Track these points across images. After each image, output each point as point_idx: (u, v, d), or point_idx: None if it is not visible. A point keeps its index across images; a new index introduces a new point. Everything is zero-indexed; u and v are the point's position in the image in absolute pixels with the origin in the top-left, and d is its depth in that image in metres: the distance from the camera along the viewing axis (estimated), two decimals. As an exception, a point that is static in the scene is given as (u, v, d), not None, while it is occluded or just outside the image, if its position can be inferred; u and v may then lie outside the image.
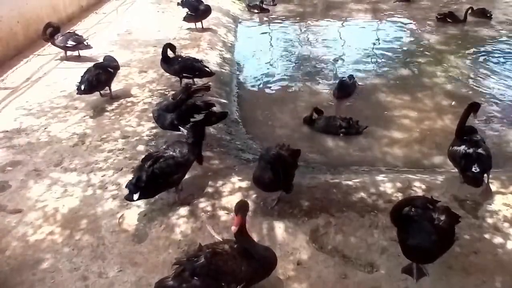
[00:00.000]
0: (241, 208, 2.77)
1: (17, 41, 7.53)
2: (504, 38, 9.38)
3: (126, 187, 3.63)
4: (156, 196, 3.86)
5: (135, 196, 3.56)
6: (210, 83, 5.56)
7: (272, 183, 3.69)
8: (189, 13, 8.84)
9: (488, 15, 10.37)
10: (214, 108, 5.01)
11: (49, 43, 7.35)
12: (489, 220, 3.65)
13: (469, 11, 10.18)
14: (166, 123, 4.68)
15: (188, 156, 3.88)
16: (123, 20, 9.72)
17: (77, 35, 7.36)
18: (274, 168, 3.65)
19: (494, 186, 4.07)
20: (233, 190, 4.08)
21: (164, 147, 3.93)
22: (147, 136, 5.02)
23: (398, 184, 4.15)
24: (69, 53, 7.37)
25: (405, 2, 12.08)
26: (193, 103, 4.75)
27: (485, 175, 3.92)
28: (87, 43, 7.29)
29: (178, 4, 8.90)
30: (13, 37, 7.45)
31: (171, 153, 3.79)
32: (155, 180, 3.63)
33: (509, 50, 8.72)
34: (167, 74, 6.41)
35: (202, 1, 9.03)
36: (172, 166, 3.73)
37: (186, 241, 3.47)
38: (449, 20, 10.04)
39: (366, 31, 10.19)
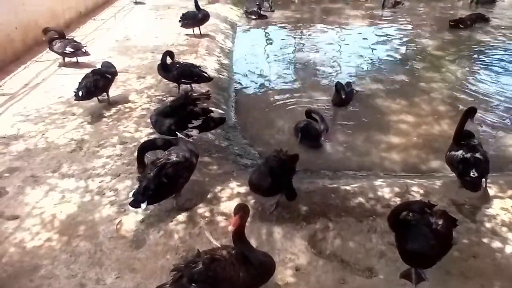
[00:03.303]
0: (240, 209, 2.76)
1: (15, 47, 7.54)
2: (500, 43, 9.45)
3: (133, 196, 3.60)
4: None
5: (143, 205, 3.56)
6: (209, 90, 5.58)
7: (271, 188, 3.69)
8: (186, 21, 8.88)
9: (486, 17, 10.66)
10: (212, 114, 5.01)
11: (47, 50, 7.37)
12: (487, 225, 3.66)
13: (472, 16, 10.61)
14: (163, 129, 4.68)
15: (191, 160, 3.89)
16: (121, 26, 9.75)
17: (76, 41, 7.38)
18: (274, 173, 3.66)
19: (492, 191, 4.08)
20: (232, 195, 4.07)
21: (166, 152, 3.92)
22: (145, 142, 5.01)
23: (396, 189, 4.15)
24: (67, 59, 7.38)
25: (394, 8, 12.25)
26: (191, 109, 4.76)
27: (483, 179, 3.93)
28: (85, 50, 7.30)
29: (180, 21, 8.90)
30: (11, 43, 7.46)
31: (174, 158, 3.79)
32: (162, 187, 3.64)
33: (505, 55, 8.78)
34: (166, 80, 6.43)
35: (200, 9, 9.06)
36: (178, 172, 3.75)
37: (184, 247, 3.46)
38: (461, 26, 10.32)
39: (363, 37, 10.25)
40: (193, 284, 2.66)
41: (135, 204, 3.56)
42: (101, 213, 3.84)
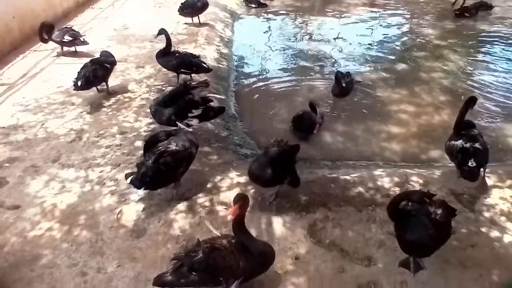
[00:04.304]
0: (240, 199, 2.77)
1: (12, 37, 7.49)
2: (501, 33, 9.38)
3: (131, 182, 3.64)
4: (155, 191, 3.87)
5: (140, 192, 3.65)
6: (207, 78, 5.56)
7: (272, 178, 3.70)
8: (185, 10, 8.81)
9: (489, 5, 10.65)
10: (212, 103, 5.00)
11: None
12: (486, 214, 3.67)
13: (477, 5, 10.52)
14: (163, 118, 4.68)
15: (190, 150, 3.89)
16: (120, 15, 9.67)
17: (74, 30, 7.33)
18: (274, 164, 3.66)
19: (491, 180, 4.09)
20: (231, 185, 4.09)
21: (166, 141, 3.92)
22: (144, 131, 5.01)
23: (396, 179, 4.16)
24: (65, 48, 7.34)
25: None
26: (191, 98, 4.74)
27: (482, 169, 3.94)
28: (83, 39, 7.25)
29: (179, 11, 8.83)
30: (9, 32, 7.40)
31: (174, 147, 3.79)
32: (160, 175, 3.65)
33: (507, 44, 8.73)
34: (164, 69, 6.40)
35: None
36: (177, 161, 3.75)
37: (184, 236, 3.48)
38: (466, 14, 10.30)
39: (363, 26, 10.17)
40: (193, 273, 2.69)
41: (133, 183, 3.62)
42: (102, 203, 3.85)
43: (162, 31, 6.21)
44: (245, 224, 2.87)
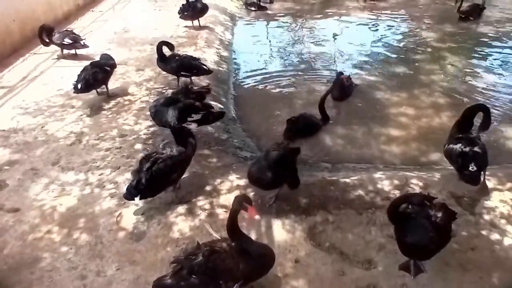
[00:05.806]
0: (248, 200, 2.82)
1: (13, 40, 7.50)
2: (500, 35, 9.39)
3: (126, 190, 3.64)
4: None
5: (136, 199, 3.62)
6: (209, 83, 5.55)
7: (272, 181, 3.69)
8: (185, 13, 8.84)
9: (482, 7, 10.63)
10: (212, 109, 5.00)
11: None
12: (486, 217, 3.67)
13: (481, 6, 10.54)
14: (163, 120, 4.67)
15: (185, 154, 3.89)
16: (120, 18, 9.69)
17: (74, 33, 7.34)
18: (274, 166, 3.66)
19: (491, 183, 4.09)
20: (231, 188, 4.08)
21: (161, 146, 3.92)
22: (144, 134, 5.02)
23: (396, 182, 4.16)
24: (65, 51, 7.35)
25: (376, 1, 12.16)
26: (192, 103, 4.75)
27: (482, 172, 3.93)
28: (83, 43, 7.27)
29: (179, 13, 8.85)
30: (9, 35, 7.42)
31: (168, 152, 3.79)
32: (154, 181, 3.64)
33: (505, 48, 8.74)
34: (164, 72, 6.41)
35: (199, 0, 9.01)
36: (171, 166, 3.74)
37: (184, 239, 3.47)
38: (471, 18, 10.30)
39: (363, 29, 10.19)
40: (193, 276, 2.68)
41: (128, 196, 3.61)
42: (101, 206, 3.85)
43: (164, 44, 6.15)
44: (246, 226, 2.87)
